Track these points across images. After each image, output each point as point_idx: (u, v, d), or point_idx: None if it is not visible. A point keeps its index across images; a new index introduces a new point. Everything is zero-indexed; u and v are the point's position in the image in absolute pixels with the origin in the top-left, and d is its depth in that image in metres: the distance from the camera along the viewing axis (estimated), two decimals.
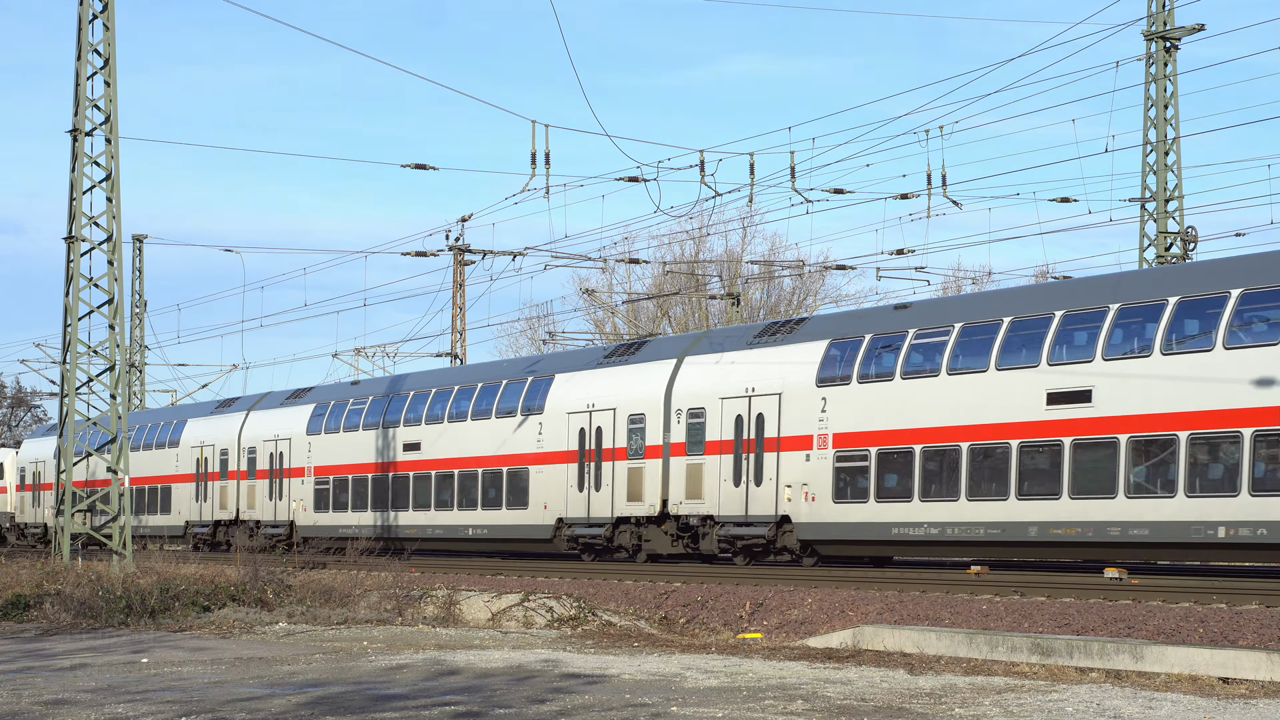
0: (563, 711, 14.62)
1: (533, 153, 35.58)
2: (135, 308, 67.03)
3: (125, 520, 32.34)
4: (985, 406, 28.49)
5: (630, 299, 70.37)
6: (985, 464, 28.60)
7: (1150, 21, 44.16)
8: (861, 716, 14.36)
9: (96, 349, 32.93)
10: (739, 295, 60.64)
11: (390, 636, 22.86)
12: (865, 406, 30.57)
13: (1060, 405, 27.38)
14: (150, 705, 15.07)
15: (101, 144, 32.59)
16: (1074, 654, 18.72)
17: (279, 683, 16.95)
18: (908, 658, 19.63)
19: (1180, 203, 44.66)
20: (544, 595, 26.29)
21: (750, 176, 38.89)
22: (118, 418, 32.96)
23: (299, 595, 26.98)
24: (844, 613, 23.11)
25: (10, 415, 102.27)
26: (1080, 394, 27.19)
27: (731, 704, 15.13)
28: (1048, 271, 63.85)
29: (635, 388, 35.07)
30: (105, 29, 32.39)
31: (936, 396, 29.36)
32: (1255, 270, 26.00)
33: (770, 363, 32.49)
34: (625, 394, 35.18)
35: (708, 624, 24.52)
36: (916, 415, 29.61)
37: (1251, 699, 15.54)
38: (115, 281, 32.69)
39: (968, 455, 28.77)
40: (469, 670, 18.15)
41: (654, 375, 34.98)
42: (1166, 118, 44.22)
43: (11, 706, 15.01)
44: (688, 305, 72.24)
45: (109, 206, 32.63)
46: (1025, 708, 14.80)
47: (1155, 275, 31.08)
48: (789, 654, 20.30)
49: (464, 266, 59.85)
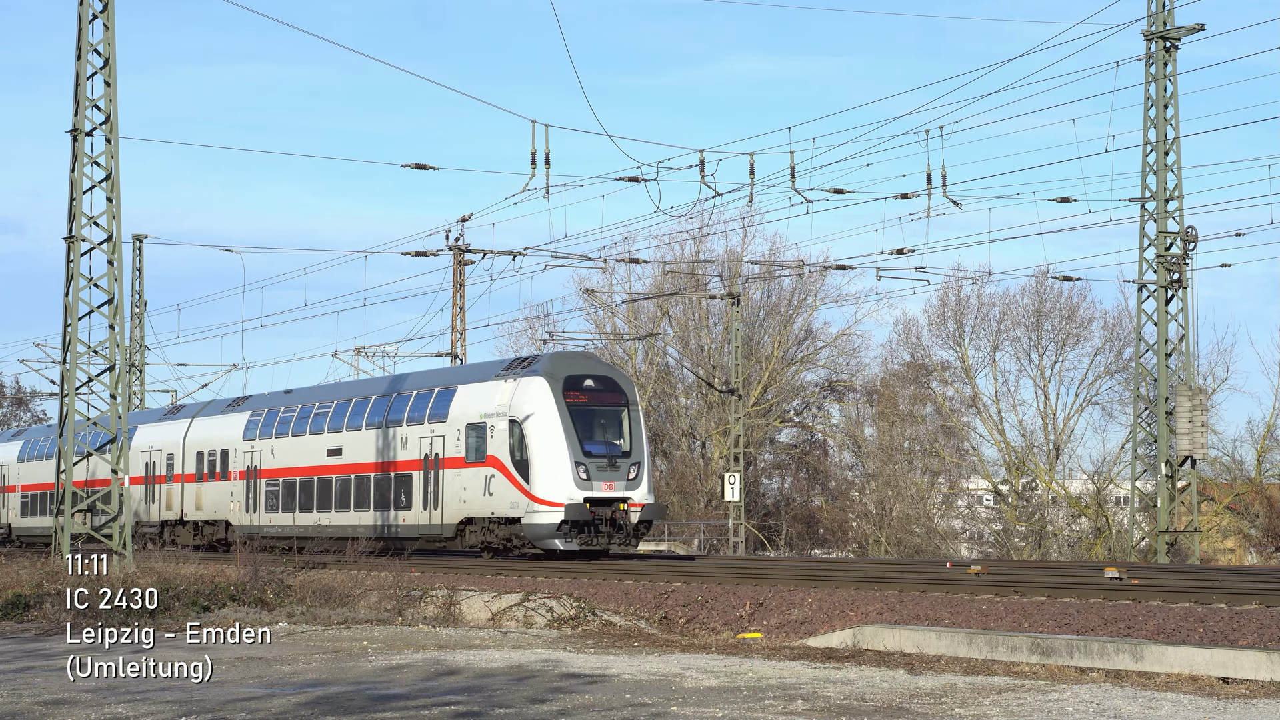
0: (563, 711, 14.62)
1: (533, 153, 35.61)
2: (135, 308, 66.97)
3: (125, 520, 32.33)
4: (313, 457, 44.70)
5: (630, 299, 70.38)
6: (317, 490, 44.51)
7: (1150, 21, 44.16)
8: (861, 716, 14.36)
9: (96, 349, 32.93)
10: (739, 295, 60.62)
11: (390, 636, 22.86)
12: (270, 454, 46.69)
13: (332, 456, 43.90)
14: (150, 705, 15.07)
15: (101, 144, 32.59)
16: (1074, 654, 18.72)
17: (279, 683, 16.95)
18: (908, 658, 19.63)
19: (1180, 203, 44.66)
20: (544, 595, 26.29)
21: (750, 176, 38.93)
22: (118, 418, 32.96)
23: (299, 595, 26.99)
24: (844, 613, 23.12)
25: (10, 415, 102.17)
26: (337, 450, 43.77)
27: (731, 704, 15.12)
28: (1047, 271, 63.99)
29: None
30: (105, 29, 32.38)
31: (299, 449, 45.50)
32: (418, 378, 43.08)
33: (224, 425, 49.69)
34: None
35: (708, 624, 24.51)
36: (293, 460, 45.69)
37: (1251, 699, 15.54)
38: (115, 281, 32.69)
39: (316, 485, 44.53)
40: (469, 670, 18.15)
41: (179, 428, 52.09)
42: (1166, 118, 44.22)
43: (11, 706, 15.01)
44: (688, 305, 72.25)
45: (109, 206, 32.63)
46: (1025, 708, 14.80)
47: (370, 383, 46.47)
48: (789, 654, 20.30)
49: (464, 266, 59.84)
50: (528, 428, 36.52)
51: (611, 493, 36.51)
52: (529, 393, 36.86)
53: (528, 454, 36.39)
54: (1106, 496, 65.69)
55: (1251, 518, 61.85)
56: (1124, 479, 61.45)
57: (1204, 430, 45.08)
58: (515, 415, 36.86)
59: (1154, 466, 46.10)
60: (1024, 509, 68.02)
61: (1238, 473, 62.37)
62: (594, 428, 37.06)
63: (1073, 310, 68.88)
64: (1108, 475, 65.87)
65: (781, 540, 72.32)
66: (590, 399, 37.23)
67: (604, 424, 37.29)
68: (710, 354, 72.17)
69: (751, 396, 70.24)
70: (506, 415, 37.11)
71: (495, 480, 37.19)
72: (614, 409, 37.54)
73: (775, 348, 72.90)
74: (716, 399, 69.63)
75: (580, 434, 36.44)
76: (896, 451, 72.56)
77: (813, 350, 76.01)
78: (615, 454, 36.82)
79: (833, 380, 76.68)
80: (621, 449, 37.04)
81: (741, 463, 59.51)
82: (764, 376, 72.15)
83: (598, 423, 37.20)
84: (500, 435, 37.15)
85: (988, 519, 70.99)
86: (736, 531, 58.21)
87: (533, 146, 35.55)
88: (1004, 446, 69.25)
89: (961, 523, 72.36)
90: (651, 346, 73.86)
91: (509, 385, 37.50)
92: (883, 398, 74.36)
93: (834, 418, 78.42)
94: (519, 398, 37.00)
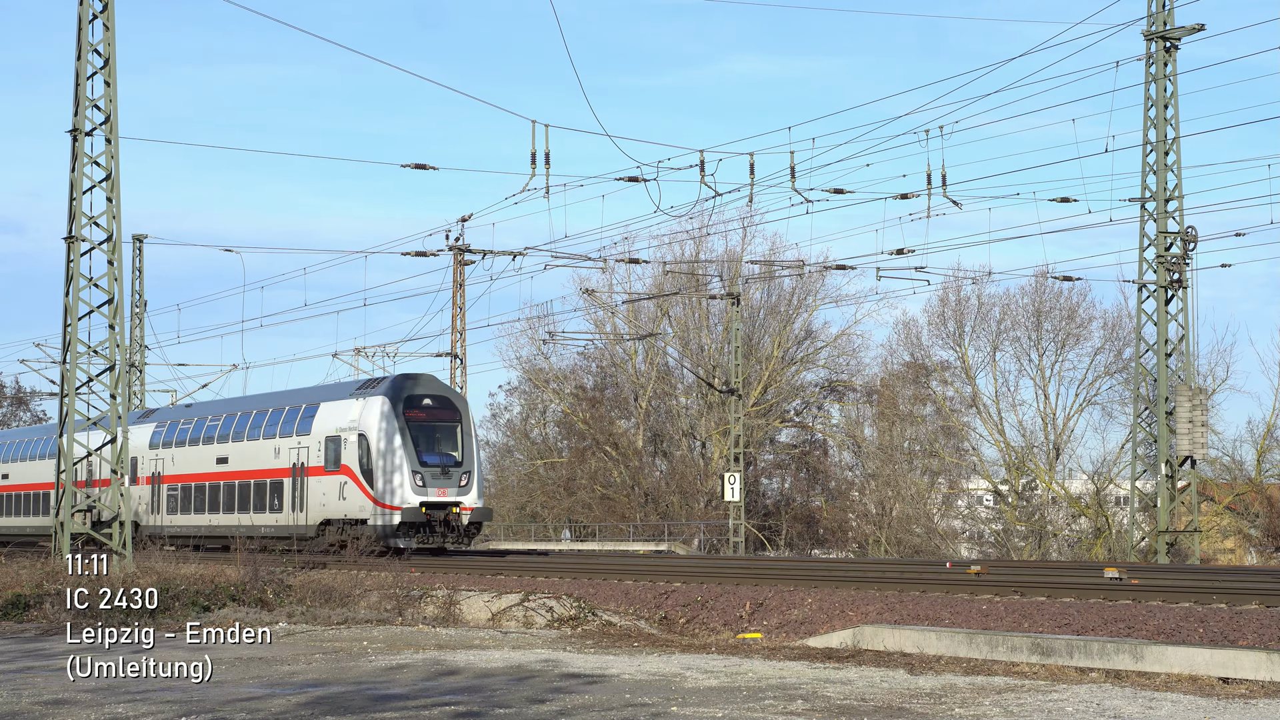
0: (563, 711, 14.62)
1: (533, 153, 35.62)
2: (135, 308, 66.94)
3: (125, 520, 32.32)
4: (205, 464, 48.22)
5: (630, 299, 70.38)
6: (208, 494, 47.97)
7: (1150, 21, 44.15)
8: (861, 716, 14.36)
9: (96, 349, 32.93)
10: (739, 295, 60.61)
11: (390, 636, 22.86)
12: (171, 461, 50.29)
13: (220, 464, 47.18)
14: (150, 705, 15.07)
15: (101, 144, 32.59)
16: (1074, 654, 18.72)
17: (279, 683, 16.95)
18: (908, 658, 19.63)
19: (1180, 203, 44.66)
20: (544, 595, 26.29)
21: (750, 176, 38.93)
22: (118, 418, 32.95)
23: (299, 595, 26.99)
24: (844, 613, 23.12)
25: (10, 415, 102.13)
26: (224, 459, 47.50)
27: (731, 704, 15.12)
28: (1047, 271, 64.00)
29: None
30: (105, 29, 32.38)
31: (194, 457, 49.12)
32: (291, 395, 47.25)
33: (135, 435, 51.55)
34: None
35: (708, 624, 24.51)
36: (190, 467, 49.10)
37: (1251, 699, 15.54)
38: (115, 281, 32.69)
39: (207, 490, 48.09)
40: (469, 670, 18.15)
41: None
42: (1166, 118, 44.22)
43: (11, 706, 15.01)
44: (688, 305, 72.23)
45: (109, 206, 32.63)
46: (1025, 708, 14.80)
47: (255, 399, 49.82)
48: (789, 654, 20.29)
49: (464, 266, 59.84)
50: (373, 441, 41.54)
51: (445, 498, 41.23)
52: (374, 410, 41.87)
53: (372, 464, 41.42)
54: (1106, 496, 65.70)
55: (1251, 518, 61.85)
56: (1124, 479, 61.47)
57: (1204, 430, 45.09)
58: (363, 430, 41.77)
59: (1154, 466, 46.10)
60: (1024, 509, 68.02)
61: (1238, 473, 62.37)
62: (430, 441, 41.86)
63: (1072, 310, 68.92)
64: (1108, 475, 65.88)
65: (781, 540, 72.32)
66: (428, 416, 42.04)
67: (439, 438, 42.08)
68: (710, 354, 72.17)
69: (751, 396, 70.24)
70: (357, 430, 41.99)
71: (348, 486, 42.08)
72: (449, 424, 42.36)
73: (775, 348, 72.90)
74: (716, 399, 69.63)
75: (418, 446, 41.33)
76: (896, 451, 72.56)
77: (813, 350, 76.03)
78: (449, 464, 41.66)
79: (833, 380, 76.68)
80: (455, 459, 41.86)
81: (741, 463, 59.51)
82: (764, 376, 72.15)
83: (434, 437, 41.97)
84: (351, 447, 42.01)
85: (988, 519, 71.00)
86: (736, 531, 58.21)
87: (533, 146, 35.58)
88: (1004, 446, 69.27)
89: (961, 523, 72.36)
90: (651, 346, 73.88)
91: (359, 403, 42.56)
92: (883, 398, 74.36)
93: (834, 418, 78.47)
94: (366, 415, 42.01)
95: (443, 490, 41.18)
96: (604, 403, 75.29)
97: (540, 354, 76.59)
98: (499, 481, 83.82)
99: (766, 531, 72.48)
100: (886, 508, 71.05)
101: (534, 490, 77.30)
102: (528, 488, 78.31)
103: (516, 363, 78.76)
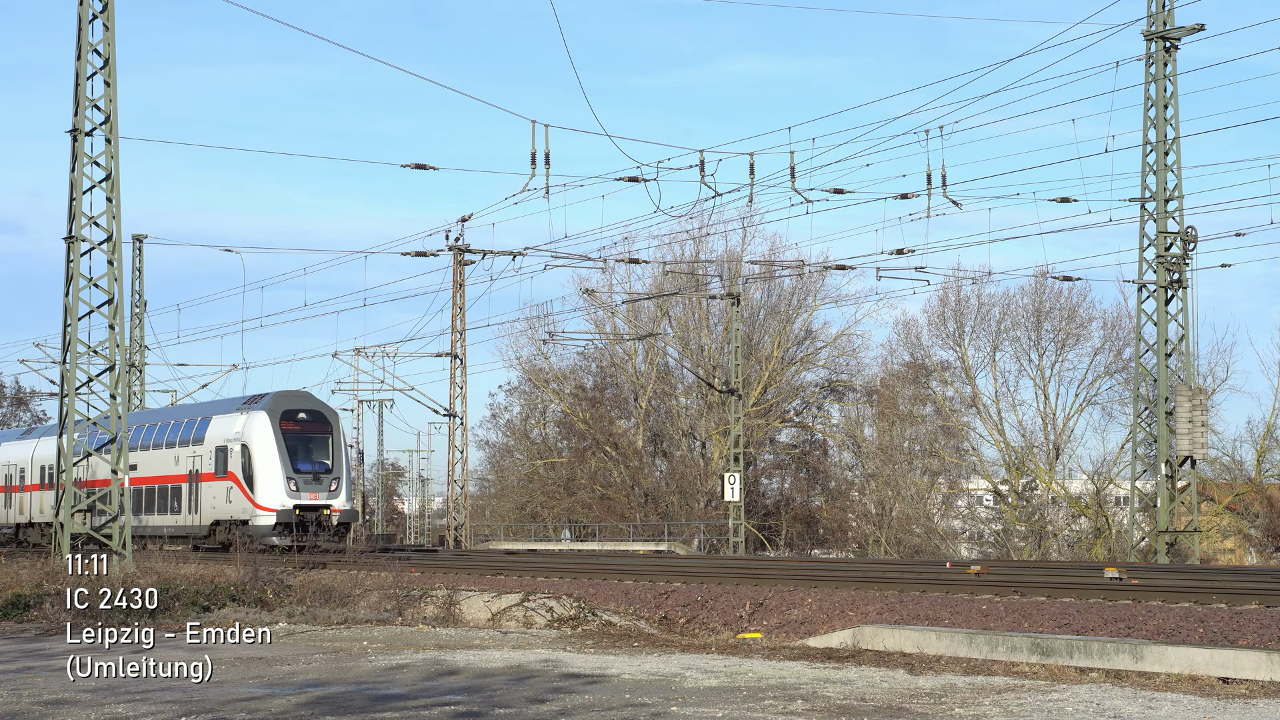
0: (563, 711, 14.62)
1: (533, 153, 35.64)
2: (135, 308, 66.95)
3: (125, 520, 32.31)
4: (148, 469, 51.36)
5: (630, 299, 70.38)
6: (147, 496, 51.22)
7: (1150, 21, 44.15)
8: (861, 716, 14.36)
9: (96, 349, 32.93)
10: (739, 295, 60.62)
11: (390, 636, 22.86)
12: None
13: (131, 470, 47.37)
14: (150, 705, 15.07)
15: (101, 144, 32.58)
16: (1074, 654, 18.72)
17: (279, 683, 16.96)
18: (908, 658, 19.63)
19: (1180, 203, 44.65)
20: (544, 595, 26.29)
21: (750, 176, 38.95)
22: (118, 418, 32.94)
23: (299, 595, 26.99)
24: (844, 613, 23.12)
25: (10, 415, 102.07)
26: (134, 465, 49.22)
27: (731, 704, 15.13)
28: (1047, 271, 63.99)
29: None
30: (105, 29, 32.38)
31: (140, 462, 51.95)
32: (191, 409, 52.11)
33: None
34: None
35: (708, 624, 24.51)
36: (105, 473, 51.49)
37: (1251, 699, 15.54)
38: (115, 281, 32.68)
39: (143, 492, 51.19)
40: (469, 670, 18.15)
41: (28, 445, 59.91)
42: (1166, 118, 44.22)
43: (11, 706, 15.02)
44: (688, 305, 72.24)
45: (109, 206, 32.62)
46: (1025, 708, 14.80)
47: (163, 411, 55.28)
48: (789, 654, 20.29)
49: (464, 266, 59.85)
50: (253, 450, 46.47)
51: (316, 501, 46.12)
52: (256, 423, 46.88)
53: (253, 471, 46.33)
54: (1106, 496, 65.69)
55: (1251, 518, 61.85)
56: (1124, 479, 61.46)
57: (1204, 430, 45.08)
58: (246, 440, 46.71)
59: (1154, 466, 46.10)
60: (1024, 509, 68.02)
61: (1238, 473, 62.36)
62: (305, 451, 46.86)
63: (1072, 310, 68.89)
64: (1108, 475, 65.87)
65: (781, 540, 72.32)
66: (302, 428, 47.12)
67: (312, 448, 47.05)
68: (710, 354, 72.16)
69: (751, 396, 70.24)
70: (241, 440, 46.92)
71: (233, 491, 47.05)
72: (321, 436, 47.38)
73: (775, 348, 72.89)
74: (716, 399, 69.63)
75: (293, 456, 46.36)
76: (896, 451, 72.55)
77: (813, 350, 76.02)
78: (320, 471, 46.59)
79: (832, 380, 76.67)
80: (326, 467, 46.84)
81: (741, 463, 59.52)
82: (764, 376, 72.14)
83: (308, 447, 46.98)
84: (236, 455, 46.91)
85: (988, 519, 70.99)
86: (736, 531, 58.21)
87: (533, 146, 35.61)
88: (1004, 446, 69.26)
89: (961, 523, 72.35)
90: (651, 346, 73.88)
91: (244, 417, 47.55)
92: (882, 398, 74.34)
93: (834, 418, 78.44)
94: (249, 427, 46.99)
95: (314, 494, 46.18)
96: (604, 403, 75.30)
97: (540, 354, 76.67)
98: (499, 481, 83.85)
99: (766, 531, 72.48)
100: (886, 508, 71.05)
101: (534, 490, 77.32)
102: (528, 488, 78.33)
103: (516, 363, 78.86)
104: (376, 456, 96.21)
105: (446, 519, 65.38)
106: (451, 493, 62.60)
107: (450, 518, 62.65)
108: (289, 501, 45.79)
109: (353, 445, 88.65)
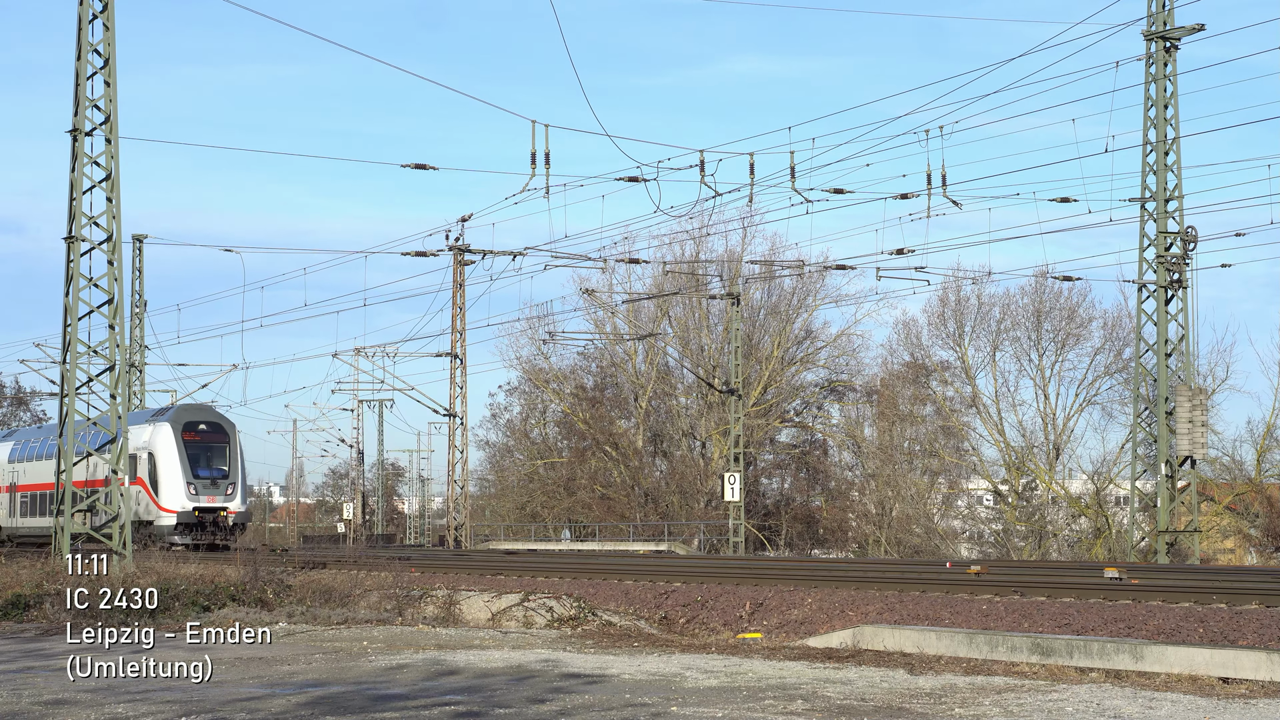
0: (563, 711, 14.62)
1: (533, 153, 35.64)
2: (135, 308, 66.97)
3: (125, 520, 32.32)
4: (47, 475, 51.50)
5: (630, 299, 70.40)
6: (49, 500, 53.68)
7: (1150, 21, 44.15)
8: (861, 716, 14.37)
9: (96, 349, 32.93)
10: (739, 295, 60.62)
11: (390, 636, 22.86)
12: (24, 473, 59.60)
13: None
14: (150, 705, 15.07)
15: (101, 144, 32.58)
16: (1074, 654, 18.72)
17: (279, 683, 16.96)
18: (908, 658, 19.63)
19: (1180, 203, 44.65)
20: (544, 595, 26.29)
21: (750, 176, 38.94)
22: (118, 418, 32.94)
23: (299, 595, 26.98)
24: (844, 613, 23.12)
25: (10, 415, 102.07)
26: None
27: (731, 704, 15.13)
28: (1047, 271, 63.98)
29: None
30: (105, 29, 32.38)
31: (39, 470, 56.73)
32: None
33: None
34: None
35: (708, 624, 24.51)
36: (36, 478, 57.91)
37: (1251, 699, 15.54)
38: (115, 281, 32.68)
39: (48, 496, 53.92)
40: (469, 670, 18.15)
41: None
42: (1166, 118, 44.22)
43: (11, 706, 15.02)
44: (688, 305, 72.24)
45: (109, 206, 32.62)
46: (1025, 708, 14.80)
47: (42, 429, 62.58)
48: (789, 654, 20.29)
49: (464, 266, 59.86)
50: (157, 458, 51.46)
51: (214, 503, 51.11)
52: (159, 433, 51.81)
53: (158, 476, 51.36)
54: (1106, 496, 65.69)
55: (1251, 518, 61.86)
56: (1124, 479, 61.47)
57: (1204, 430, 45.09)
58: (152, 449, 51.56)
59: (1154, 466, 46.10)
60: (1024, 509, 68.02)
61: (1238, 473, 62.36)
62: (204, 458, 51.85)
63: (1072, 310, 68.90)
64: (1108, 475, 65.87)
65: (781, 540, 72.32)
66: (202, 438, 52.00)
67: (211, 456, 52.01)
68: (710, 354, 72.17)
69: (751, 396, 70.24)
70: (147, 449, 51.62)
71: (141, 494, 51.59)
72: (220, 445, 52.27)
73: (775, 348, 72.90)
74: (716, 399, 69.64)
75: (193, 463, 51.38)
76: (896, 451, 72.55)
77: (813, 350, 76.02)
78: (217, 476, 51.64)
79: (832, 380, 76.68)
80: (223, 473, 51.80)
81: (741, 463, 59.52)
82: (764, 376, 72.14)
83: (207, 455, 51.98)
84: (144, 463, 51.64)
85: (988, 519, 70.99)
86: (736, 531, 58.21)
87: (533, 146, 35.61)
88: (1004, 446, 69.27)
89: (961, 523, 72.35)
90: (651, 346, 73.88)
91: (151, 428, 52.39)
92: (882, 398, 74.34)
93: (834, 418, 78.45)
94: (154, 437, 51.85)
95: (212, 497, 51.26)
96: (604, 403, 75.31)
97: (540, 354, 76.68)
98: (499, 481, 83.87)
99: (766, 531, 72.48)
100: (886, 508, 71.05)
101: (534, 490, 77.33)
102: (528, 488, 78.34)
103: (516, 363, 78.89)
104: (376, 456, 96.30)
105: (446, 519, 65.39)
106: (451, 493, 62.62)
107: (450, 518, 62.67)
108: (189, 504, 50.95)
109: (352, 445, 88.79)
